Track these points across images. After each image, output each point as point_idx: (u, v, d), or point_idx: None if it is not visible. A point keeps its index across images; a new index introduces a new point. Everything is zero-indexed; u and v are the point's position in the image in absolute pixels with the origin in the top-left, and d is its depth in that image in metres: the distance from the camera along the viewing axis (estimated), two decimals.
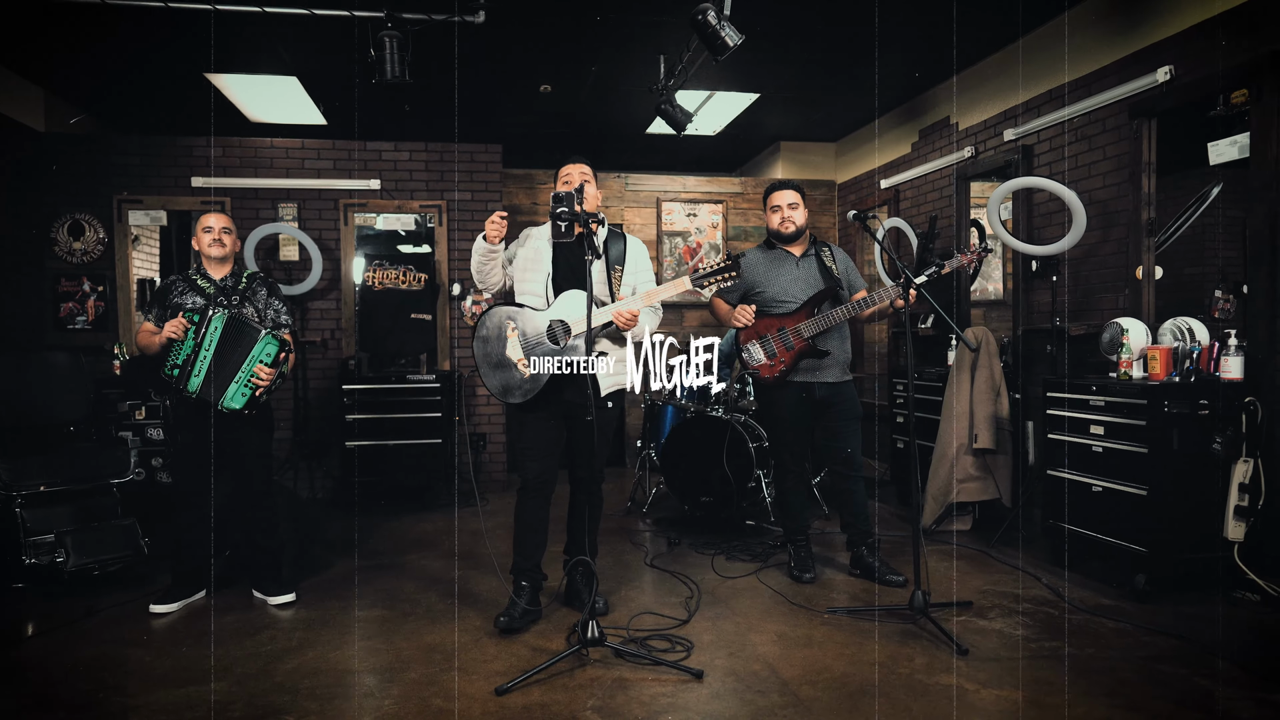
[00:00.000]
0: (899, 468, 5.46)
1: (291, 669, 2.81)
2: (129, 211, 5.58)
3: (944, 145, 5.85)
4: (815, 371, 3.67)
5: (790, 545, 3.88)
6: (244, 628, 3.22)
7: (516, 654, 2.94)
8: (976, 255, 3.63)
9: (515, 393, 3.17)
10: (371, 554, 4.33)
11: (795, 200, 3.72)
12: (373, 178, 5.90)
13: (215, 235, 3.46)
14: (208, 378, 3.29)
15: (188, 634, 3.17)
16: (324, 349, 5.87)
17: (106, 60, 5.10)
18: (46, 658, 2.96)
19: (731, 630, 3.17)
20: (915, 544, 3.21)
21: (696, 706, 2.50)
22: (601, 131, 6.93)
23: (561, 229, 2.94)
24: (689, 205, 7.27)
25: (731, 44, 3.67)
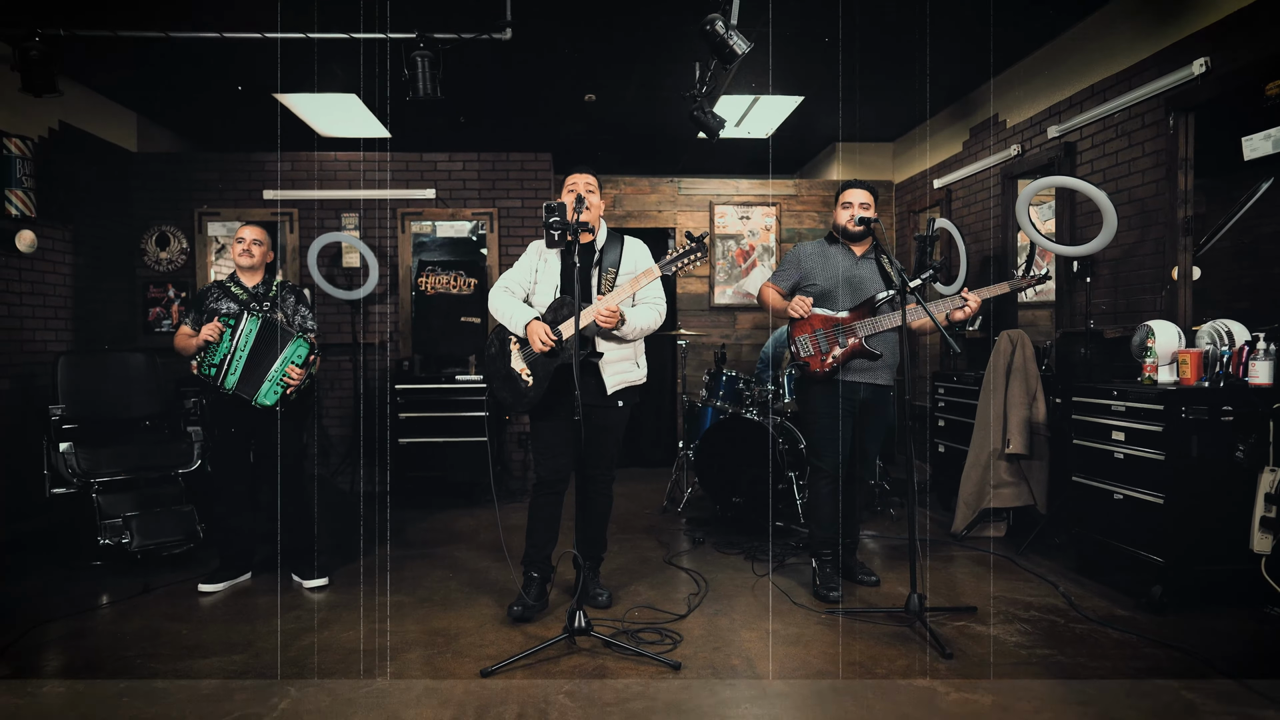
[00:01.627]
0: (939, 472, 5.38)
1: (306, 645, 3.06)
2: (208, 223, 6.06)
3: (992, 143, 5.72)
4: (865, 373, 3.61)
5: (815, 559, 3.68)
6: (274, 608, 3.50)
7: (513, 640, 3.10)
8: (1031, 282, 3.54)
9: (523, 402, 3.34)
10: (410, 544, 4.59)
11: (868, 200, 3.63)
12: (428, 188, 6.21)
13: (245, 246, 3.76)
14: (243, 376, 3.59)
15: (225, 611, 3.48)
16: (383, 350, 6.21)
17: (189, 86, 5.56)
18: (101, 627, 3.30)
19: (725, 626, 3.25)
20: (911, 549, 3.21)
21: (663, 695, 2.60)
22: (653, 136, 7.05)
23: (554, 237, 3.08)
24: (742, 208, 7.31)
25: (740, 51, 3.74)
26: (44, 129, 5.09)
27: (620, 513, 5.40)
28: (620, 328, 3.25)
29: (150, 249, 5.99)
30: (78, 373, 4.49)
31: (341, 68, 5.25)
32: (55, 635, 3.21)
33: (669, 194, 7.26)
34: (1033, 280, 3.51)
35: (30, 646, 3.09)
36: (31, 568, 4.14)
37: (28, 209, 4.81)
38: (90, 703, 2.59)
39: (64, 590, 3.79)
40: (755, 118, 6.61)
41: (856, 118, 6.72)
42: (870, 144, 7.41)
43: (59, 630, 3.26)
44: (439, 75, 4.26)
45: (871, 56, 5.21)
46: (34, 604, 3.59)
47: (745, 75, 5.60)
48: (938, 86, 5.87)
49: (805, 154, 7.99)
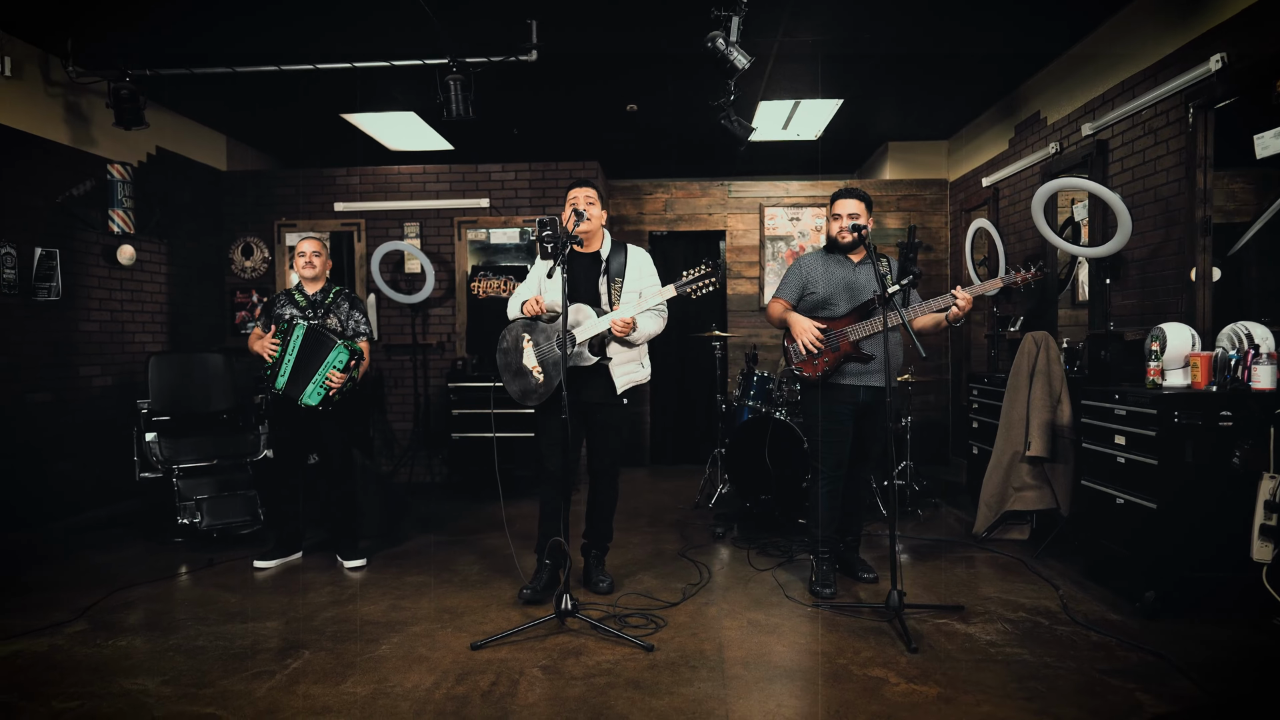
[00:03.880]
0: (972, 474, 5.36)
1: (330, 616, 3.43)
2: (286, 233, 6.63)
3: (1035, 141, 5.64)
4: (862, 375, 3.70)
5: (813, 556, 3.80)
6: (314, 584, 3.90)
7: (511, 620, 3.38)
8: (1031, 277, 3.57)
9: (532, 397, 3.62)
10: (451, 531, 4.95)
11: (857, 210, 3.70)
12: (483, 197, 6.60)
13: (308, 259, 4.18)
14: (291, 377, 4.01)
15: (271, 585, 3.90)
16: (441, 351, 6.64)
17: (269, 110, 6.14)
18: (166, 593, 3.78)
19: (711, 615, 3.43)
20: (891, 546, 3.31)
21: (626, 673, 2.82)
22: (702, 140, 7.22)
23: (548, 249, 3.34)
24: (791, 210, 7.39)
25: (740, 66, 3.90)
26: (143, 154, 5.72)
27: (653, 506, 5.64)
28: (631, 335, 3.49)
29: (237, 258, 6.60)
30: (165, 371, 5.06)
31: (398, 90, 5.68)
32: (129, 599, 3.70)
33: (719, 197, 7.42)
34: (1027, 277, 3.53)
35: (108, 607, 3.58)
36: (125, 541, 4.72)
37: (128, 226, 5.43)
38: (140, 655, 3.02)
39: (146, 561, 4.32)
40: (801, 120, 6.69)
41: (907, 117, 6.72)
42: (923, 142, 7.36)
43: (133, 595, 3.75)
44: (470, 96, 4.59)
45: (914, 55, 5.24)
46: (120, 572, 4.12)
47: (782, 80, 5.72)
48: (984, 84, 5.83)
49: (859, 154, 7.99)
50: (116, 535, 4.86)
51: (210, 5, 4.25)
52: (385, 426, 6.64)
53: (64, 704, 2.62)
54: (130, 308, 5.59)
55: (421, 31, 4.58)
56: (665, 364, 7.65)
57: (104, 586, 3.85)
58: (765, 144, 7.30)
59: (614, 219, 7.40)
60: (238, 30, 4.58)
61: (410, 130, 6.66)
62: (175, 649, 3.08)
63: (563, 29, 4.61)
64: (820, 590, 3.67)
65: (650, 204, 7.44)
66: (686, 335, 7.14)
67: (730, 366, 7.14)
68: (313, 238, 4.24)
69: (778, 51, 5.15)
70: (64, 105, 5.02)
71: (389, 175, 6.67)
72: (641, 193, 7.45)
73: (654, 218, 7.43)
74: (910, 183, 7.31)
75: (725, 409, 5.83)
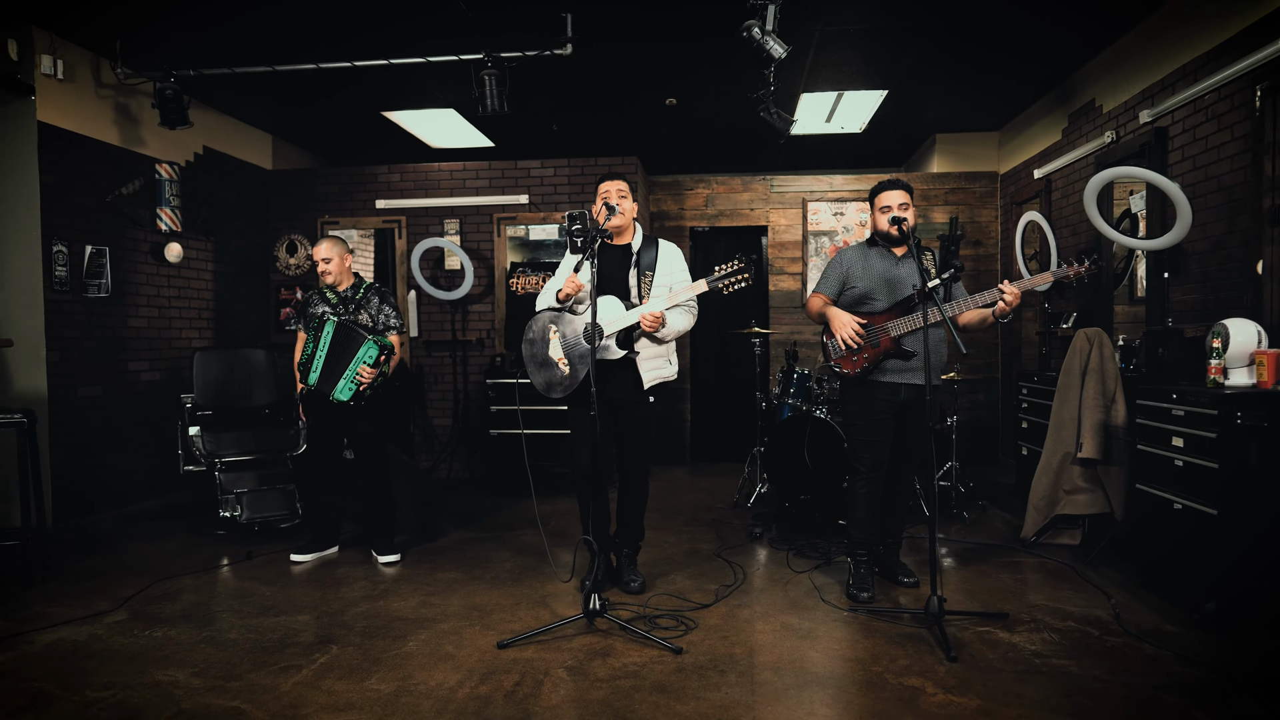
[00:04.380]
0: (1021, 475, 5.18)
1: (361, 611, 3.43)
2: (329, 231, 6.70)
3: (1089, 130, 5.41)
4: (903, 373, 3.58)
5: (850, 559, 3.71)
6: (347, 578, 3.92)
7: (539, 618, 3.35)
8: (1085, 271, 3.41)
9: (557, 389, 3.58)
10: (486, 528, 4.95)
11: (906, 200, 3.58)
12: (522, 193, 6.58)
13: (322, 267, 4.14)
14: (323, 374, 4.03)
15: (306, 579, 3.93)
16: (480, 348, 6.65)
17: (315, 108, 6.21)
18: (206, 585, 3.83)
19: (744, 617, 3.35)
20: (931, 549, 3.18)
21: (652, 677, 2.76)
22: (743, 135, 7.11)
23: (577, 244, 3.29)
24: (835, 204, 7.24)
25: (777, 55, 3.80)
26: (190, 154, 5.83)
27: (691, 505, 5.57)
28: (659, 330, 3.42)
29: (281, 255, 6.70)
30: (209, 366, 5.14)
31: (437, 87, 5.69)
32: (169, 590, 3.75)
33: (761, 192, 7.30)
34: (1080, 270, 3.37)
35: (148, 597, 3.64)
36: (170, 533, 4.81)
37: (175, 224, 5.54)
38: (174, 646, 3.05)
39: (188, 553, 4.40)
40: (845, 112, 6.54)
41: (954, 108, 6.53)
42: (972, 134, 7.14)
43: (173, 586, 3.81)
44: (505, 91, 4.56)
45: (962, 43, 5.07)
46: (162, 563, 4.19)
47: (824, 71, 5.59)
48: (1035, 72, 5.62)
49: (906, 147, 7.79)
50: (163, 527, 4.97)
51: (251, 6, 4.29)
52: (425, 422, 6.67)
53: (97, 693, 2.65)
54: (177, 304, 5.70)
55: (457, 27, 4.57)
56: (705, 361, 7.57)
57: (146, 577, 3.92)
58: (808, 137, 7.16)
59: (654, 215, 7.34)
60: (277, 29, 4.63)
61: (451, 127, 6.68)
62: (208, 641, 3.11)
63: (598, 22, 4.56)
64: (857, 594, 3.55)
65: (691, 200, 7.36)
66: (727, 332, 7.04)
67: (771, 364, 7.03)
68: (326, 240, 4.20)
69: (819, 41, 5.03)
70: (114, 107, 5.14)
71: (429, 172, 6.70)
72: (682, 188, 7.37)
73: (695, 213, 7.35)
74: (959, 175, 7.10)
75: (765, 407, 5.72)
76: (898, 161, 8.33)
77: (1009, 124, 6.87)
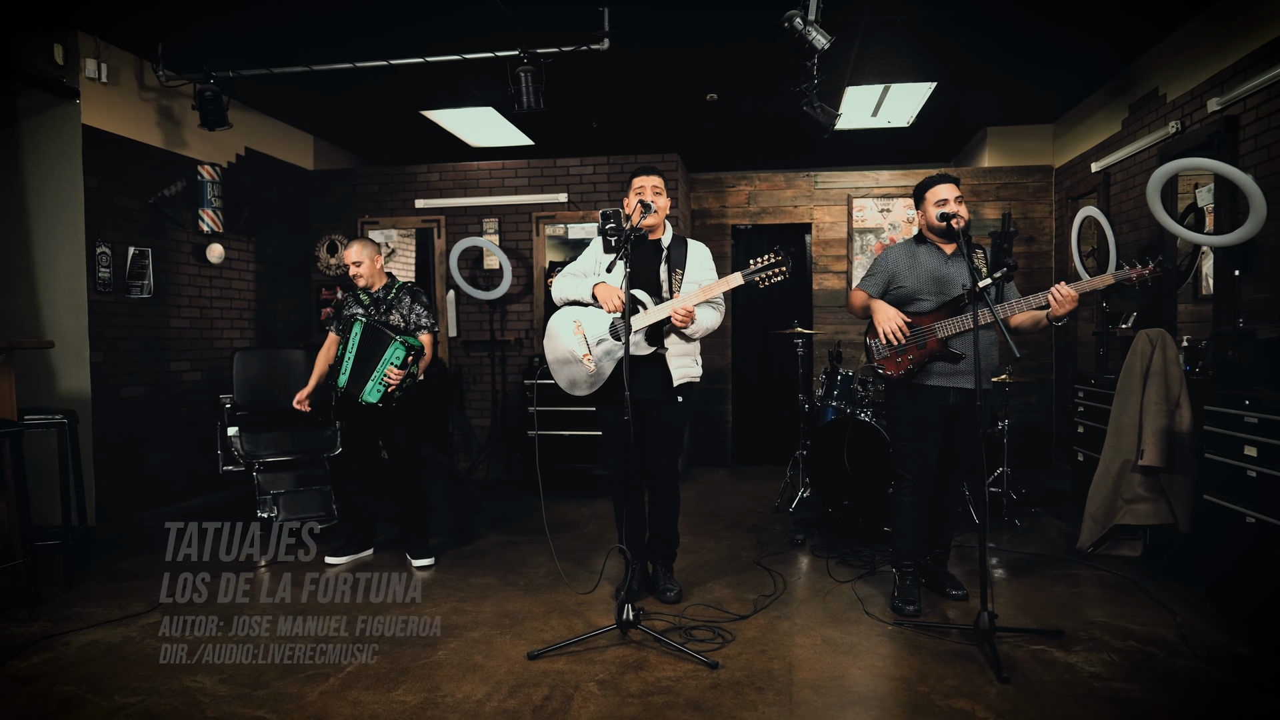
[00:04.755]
0: (1077, 481, 4.95)
1: (391, 618, 3.36)
2: (369, 231, 6.72)
3: (1152, 121, 5.15)
4: (951, 376, 3.41)
5: (896, 569, 3.56)
6: (380, 582, 3.80)
7: (572, 627, 3.26)
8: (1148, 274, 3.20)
9: (581, 386, 3.49)
10: (522, 531, 4.88)
11: (958, 194, 3.43)
12: (561, 192, 6.51)
13: (353, 271, 4.14)
14: (352, 375, 4.00)
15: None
16: (519, 348, 6.60)
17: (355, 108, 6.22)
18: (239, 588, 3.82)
19: (784, 630, 3.23)
20: (981, 561, 3.02)
21: (686, 693, 2.65)
22: (787, 130, 6.94)
23: (611, 243, 3.19)
24: (881, 201, 7.04)
25: (820, 46, 3.66)
26: (232, 155, 5.87)
27: (731, 509, 5.44)
28: (689, 327, 3.32)
29: (322, 255, 6.73)
30: (248, 367, 5.17)
31: (474, 85, 5.65)
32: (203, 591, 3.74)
33: (805, 189, 7.13)
34: (1143, 273, 3.17)
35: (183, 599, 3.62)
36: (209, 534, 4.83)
37: (216, 225, 5.58)
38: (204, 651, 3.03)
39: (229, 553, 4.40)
40: (892, 106, 6.35)
41: (1006, 100, 6.30)
42: (1026, 127, 6.88)
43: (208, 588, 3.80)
44: (541, 88, 4.49)
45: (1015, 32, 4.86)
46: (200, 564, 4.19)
47: (870, 63, 5.42)
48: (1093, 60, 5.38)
49: (956, 141, 7.54)
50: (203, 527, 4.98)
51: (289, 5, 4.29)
52: (464, 423, 6.65)
53: (125, 699, 2.64)
54: (219, 305, 5.75)
55: (494, 23, 4.51)
56: (747, 360, 7.42)
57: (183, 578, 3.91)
58: (853, 132, 6.96)
59: (695, 213, 7.21)
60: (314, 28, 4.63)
61: (490, 126, 6.64)
62: (238, 645, 3.08)
63: (636, 16, 4.46)
64: (903, 607, 3.40)
65: (733, 197, 7.22)
66: (769, 331, 6.89)
67: (815, 364, 6.86)
68: (355, 242, 4.17)
69: (864, 32, 4.86)
70: (157, 109, 5.18)
71: (468, 171, 6.67)
72: (724, 185, 7.23)
73: (737, 211, 7.21)
74: (1011, 170, 6.85)
75: (808, 409, 5.57)
76: (947, 156, 8.08)
77: (1064, 116, 6.60)
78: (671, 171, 6.41)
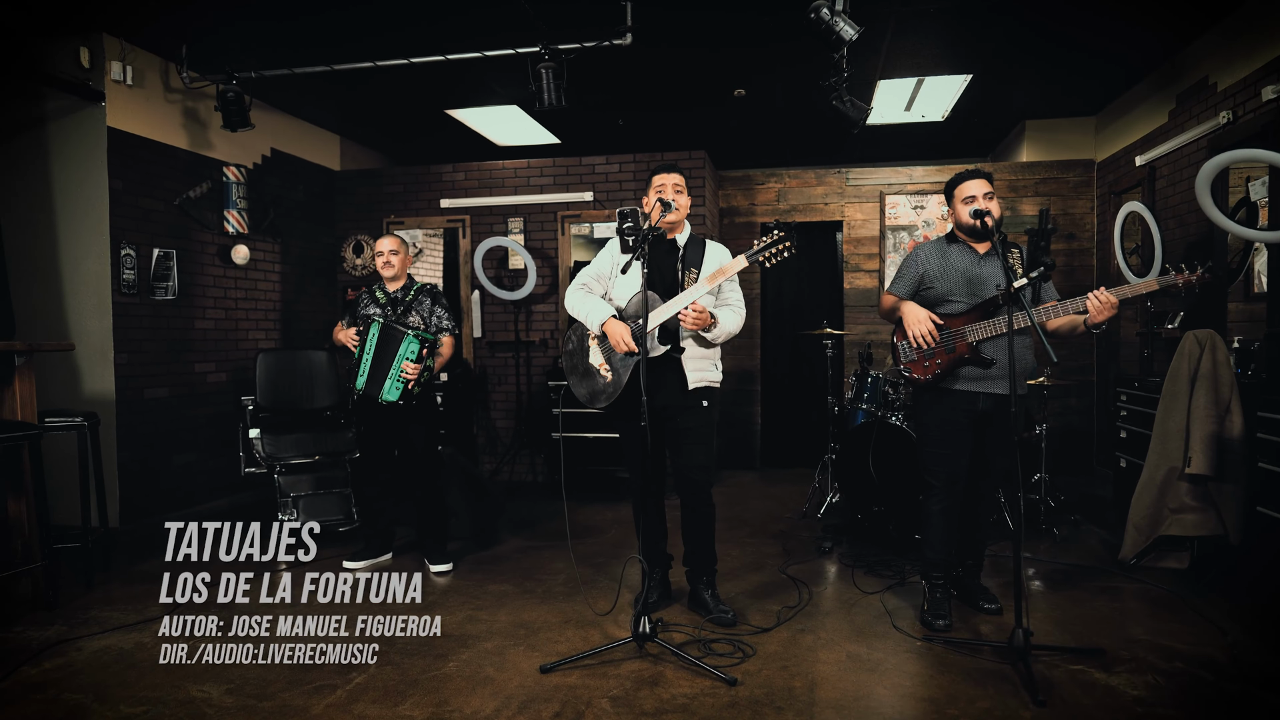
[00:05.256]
0: (1119, 488, 4.75)
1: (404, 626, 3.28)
2: (394, 231, 6.69)
3: (1201, 111, 4.92)
4: (982, 381, 3.25)
5: (925, 581, 3.40)
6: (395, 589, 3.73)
7: (588, 639, 3.16)
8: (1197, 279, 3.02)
9: (601, 397, 3.38)
10: (544, 535, 4.80)
11: (990, 190, 3.26)
12: (586, 190, 6.43)
13: (385, 258, 4.11)
14: (370, 376, 3.95)
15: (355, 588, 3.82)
16: (544, 348, 6.53)
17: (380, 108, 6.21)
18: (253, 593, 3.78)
19: (807, 644, 3.10)
20: (1016, 576, 2.87)
21: (702, 711, 2.54)
22: (817, 126, 6.78)
23: (629, 243, 3.09)
24: (915, 197, 6.85)
25: (847, 37, 3.53)
26: (258, 156, 5.88)
27: (758, 514, 5.32)
28: (710, 330, 3.19)
29: (348, 256, 6.72)
30: (271, 368, 5.16)
31: (497, 83, 5.58)
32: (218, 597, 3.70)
33: (836, 185, 6.96)
34: (1191, 278, 2.99)
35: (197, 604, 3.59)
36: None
37: (241, 226, 5.59)
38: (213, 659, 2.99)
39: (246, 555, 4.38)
40: (926, 99, 6.16)
41: (1046, 91, 6.08)
42: (1066, 119, 6.65)
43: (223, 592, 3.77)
44: (563, 85, 4.40)
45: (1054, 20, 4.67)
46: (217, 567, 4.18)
47: (902, 55, 5.25)
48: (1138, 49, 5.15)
49: (993, 135, 7.32)
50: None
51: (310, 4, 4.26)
52: (489, 424, 6.60)
53: (131, 709, 2.60)
54: (244, 305, 5.75)
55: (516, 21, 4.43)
56: (777, 361, 7.28)
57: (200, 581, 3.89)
58: (885, 127, 6.79)
59: (724, 211, 7.09)
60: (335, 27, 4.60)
61: (516, 125, 6.58)
62: (247, 652, 3.04)
63: (660, 11, 4.35)
64: (933, 621, 3.26)
65: (762, 194, 7.08)
66: (799, 332, 6.74)
67: (846, 365, 6.70)
68: (390, 235, 4.17)
69: (895, 23, 4.70)
70: (182, 111, 5.19)
71: (493, 170, 6.61)
72: (753, 183, 7.09)
73: (766, 209, 7.06)
74: (1051, 164, 6.62)
75: (837, 412, 5.42)
76: (983, 151, 7.86)
77: (1107, 107, 6.36)
78: (699, 169, 6.29)
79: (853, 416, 5.19)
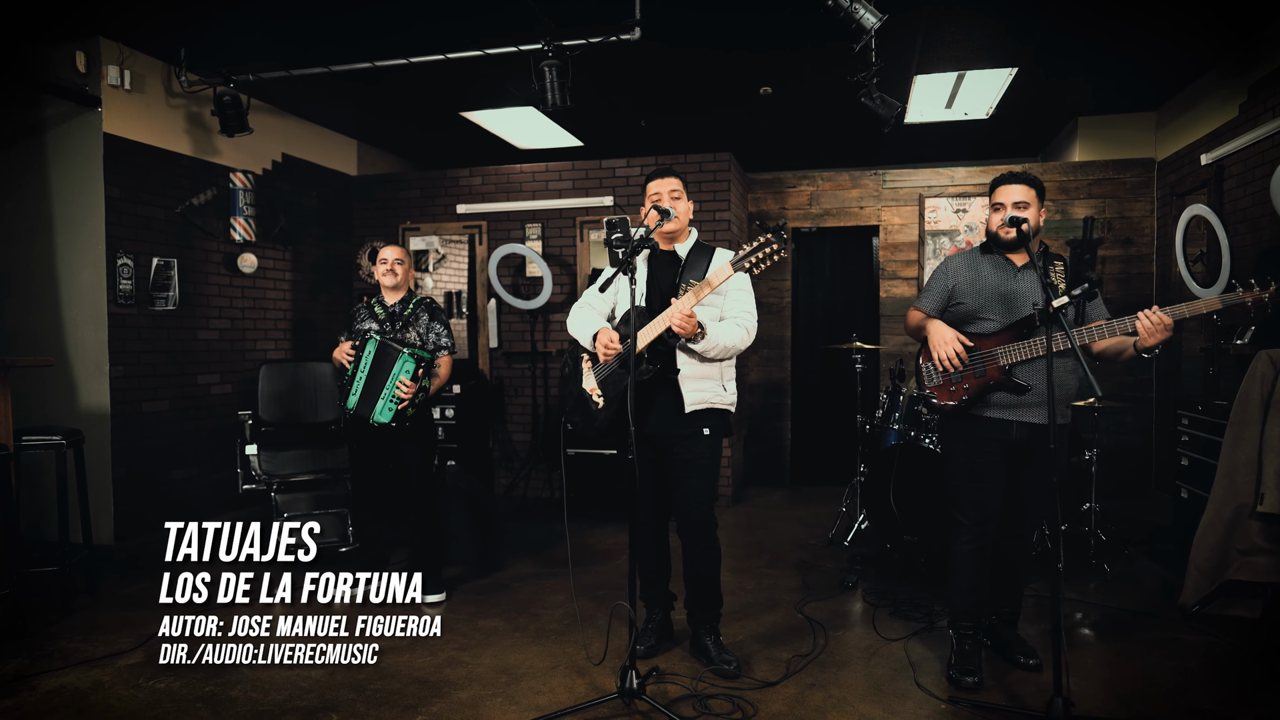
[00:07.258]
0: (1180, 519, 4.30)
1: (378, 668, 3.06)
2: (410, 237, 6.50)
3: (1276, 105, 4.45)
4: (1016, 409, 2.88)
5: (953, 631, 3.06)
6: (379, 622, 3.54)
7: (573, 690, 2.88)
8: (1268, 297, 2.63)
9: (592, 426, 3.10)
10: (548, 561, 4.53)
11: (1025, 198, 2.88)
12: (606, 195, 6.15)
13: (389, 266, 3.90)
14: (363, 396, 3.72)
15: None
16: (561, 359, 6.26)
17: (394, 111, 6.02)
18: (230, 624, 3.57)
19: (815, 704, 2.77)
20: (1056, 637, 2.51)
21: None
22: (850, 125, 6.41)
23: (618, 256, 2.80)
24: (957, 200, 6.43)
25: (869, 26, 3.19)
26: (267, 162, 5.73)
27: (780, 540, 4.98)
28: (698, 341, 2.87)
29: (364, 263, 6.55)
30: (274, 380, 4.98)
31: (510, 83, 5.34)
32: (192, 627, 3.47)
33: (871, 188, 6.58)
34: (1262, 296, 2.59)
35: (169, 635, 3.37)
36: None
37: (249, 234, 5.43)
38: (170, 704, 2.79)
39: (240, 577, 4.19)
40: (968, 96, 5.74)
41: (1100, 85, 5.62)
42: (1123, 115, 6.17)
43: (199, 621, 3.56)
44: (567, 84, 4.14)
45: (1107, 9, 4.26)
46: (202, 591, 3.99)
47: (940, 48, 4.87)
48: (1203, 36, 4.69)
49: (1043, 133, 6.85)
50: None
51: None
52: (505, 437, 6.36)
53: None
54: (252, 315, 5.60)
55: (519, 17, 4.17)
56: (809, 373, 6.91)
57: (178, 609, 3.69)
58: (925, 125, 6.38)
59: (753, 215, 6.75)
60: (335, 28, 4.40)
61: (536, 127, 6.34)
62: (208, 699, 2.83)
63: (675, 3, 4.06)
64: (960, 679, 2.90)
65: (794, 198, 6.72)
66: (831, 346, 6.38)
67: (881, 380, 6.31)
68: (396, 244, 3.96)
69: (931, 13, 4.33)
70: (186, 116, 5.05)
71: (511, 174, 6.38)
72: (784, 185, 6.75)
73: (798, 213, 6.71)
74: (1106, 164, 6.14)
75: (868, 431, 5.05)
76: (1033, 150, 7.38)
77: (1169, 102, 5.87)
78: (724, 172, 5.97)
79: (884, 437, 4.82)
